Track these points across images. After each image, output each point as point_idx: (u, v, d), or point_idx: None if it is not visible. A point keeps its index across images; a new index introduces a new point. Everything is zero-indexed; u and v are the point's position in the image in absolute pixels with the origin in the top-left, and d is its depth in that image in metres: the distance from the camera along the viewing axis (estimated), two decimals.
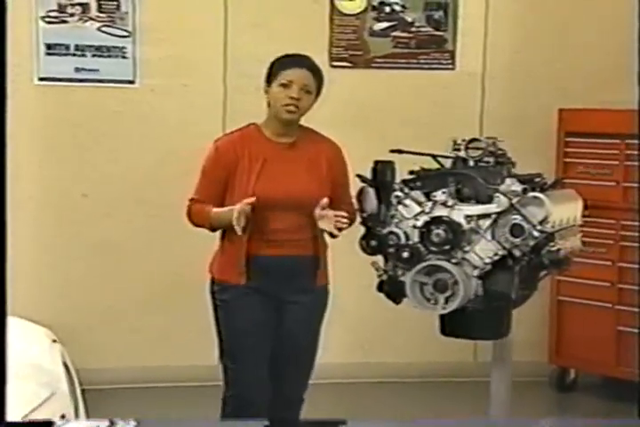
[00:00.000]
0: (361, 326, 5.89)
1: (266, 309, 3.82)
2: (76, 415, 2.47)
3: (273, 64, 3.84)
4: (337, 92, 5.83)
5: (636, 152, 5.77)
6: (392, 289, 4.20)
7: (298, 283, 3.85)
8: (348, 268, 4.71)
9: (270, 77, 3.81)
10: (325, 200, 3.71)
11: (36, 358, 2.56)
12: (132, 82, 5.84)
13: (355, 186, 4.10)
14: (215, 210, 3.75)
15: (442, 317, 4.28)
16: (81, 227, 5.84)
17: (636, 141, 5.72)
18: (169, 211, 5.39)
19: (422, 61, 6.12)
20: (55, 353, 2.64)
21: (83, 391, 2.73)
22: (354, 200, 4.11)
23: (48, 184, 5.81)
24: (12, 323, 2.63)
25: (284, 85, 3.73)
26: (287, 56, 3.87)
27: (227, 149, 3.81)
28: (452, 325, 4.30)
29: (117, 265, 5.86)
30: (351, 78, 5.93)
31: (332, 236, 3.81)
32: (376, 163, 4.13)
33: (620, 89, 5.78)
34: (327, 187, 3.85)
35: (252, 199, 3.56)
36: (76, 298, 5.74)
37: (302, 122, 3.98)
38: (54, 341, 2.69)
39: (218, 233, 4.00)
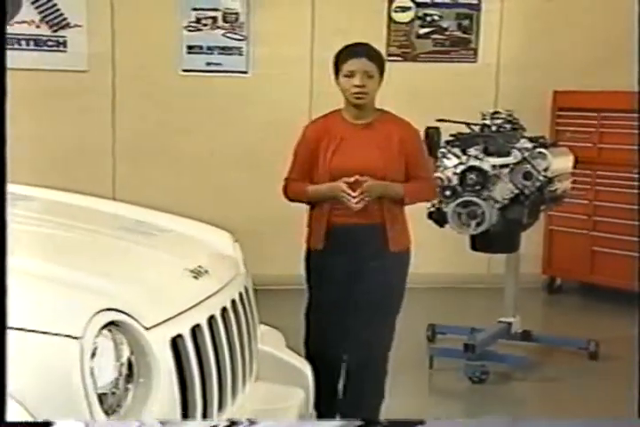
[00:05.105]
0: None
1: (342, 271, 3.14)
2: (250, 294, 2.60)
3: (336, 58, 3.19)
4: (392, 80, 5.92)
5: (608, 122, 5.85)
6: (438, 217, 4.35)
7: (370, 248, 3.14)
8: None
9: (336, 70, 3.18)
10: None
11: (225, 250, 2.66)
12: (245, 72, 5.92)
13: None
14: (311, 187, 3.16)
15: (472, 237, 4.44)
16: (209, 174, 5.97)
17: (609, 114, 5.82)
18: (270, 164, 5.51)
19: (454, 56, 6.14)
20: (236, 248, 2.72)
21: None
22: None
23: (185, 146, 5.90)
24: (206, 227, 2.78)
25: (347, 76, 3.11)
26: (346, 48, 3.19)
27: (312, 132, 3.21)
28: (479, 242, 4.46)
29: (241, 196, 5.90)
30: (403, 69, 5.90)
31: (404, 203, 3.20)
32: (427, 128, 4.23)
33: (598, 76, 5.89)
34: (396, 162, 3.16)
35: (351, 180, 3.05)
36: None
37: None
38: (235, 241, 2.75)
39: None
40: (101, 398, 1.75)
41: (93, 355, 1.74)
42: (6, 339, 1.24)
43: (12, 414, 1.63)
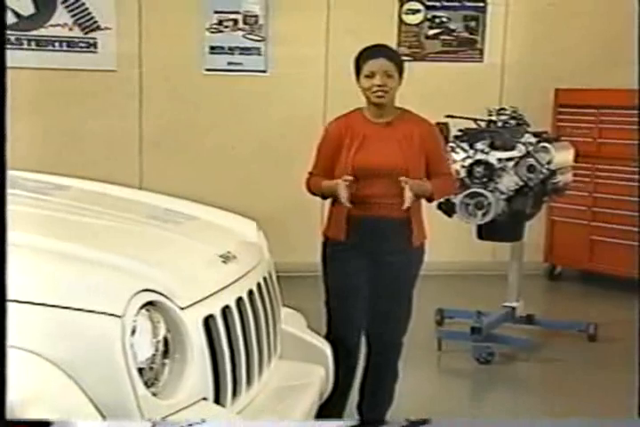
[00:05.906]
0: None
1: (360, 262, 3.06)
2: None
3: (356, 60, 3.08)
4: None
5: (607, 118, 5.84)
6: (447, 208, 4.33)
7: (390, 242, 3.07)
8: None
9: (357, 71, 3.07)
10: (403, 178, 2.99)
11: (251, 238, 2.70)
12: (264, 71, 5.92)
13: None
14: (325, 183, 3.08)
15: (479, 226, 4.45)
16: (231, 167, 5.97)
17: (608, 111, 5.81)
18: (288, 157, 5.56)
19: (461, 56, 6.13)
20: (261, 236, 2.77)
21: None
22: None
23: (208, 141, 5.91)
24: (232, 216, 2.80)
25: (368, 76, 3.01)
26: (365, 50, 3.09)
27: (334, 130, 3.13)
28: (485, 231, 4.47)
29: (260, 188, 5.92)
30: (412, 68, 5.80)
31: (429, 200, 3.13)
32: (436, 124, 4.23)
33: (597, 74, 5.88)
34: (416, 160, 3.06)
35: (350, 178, 2.97)
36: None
37: None
38: (259, 229, 2.79)
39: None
40: (141, 371, 1.80)
41: (133, 332, 1.79)
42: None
43: (61, 386, 1.69)
